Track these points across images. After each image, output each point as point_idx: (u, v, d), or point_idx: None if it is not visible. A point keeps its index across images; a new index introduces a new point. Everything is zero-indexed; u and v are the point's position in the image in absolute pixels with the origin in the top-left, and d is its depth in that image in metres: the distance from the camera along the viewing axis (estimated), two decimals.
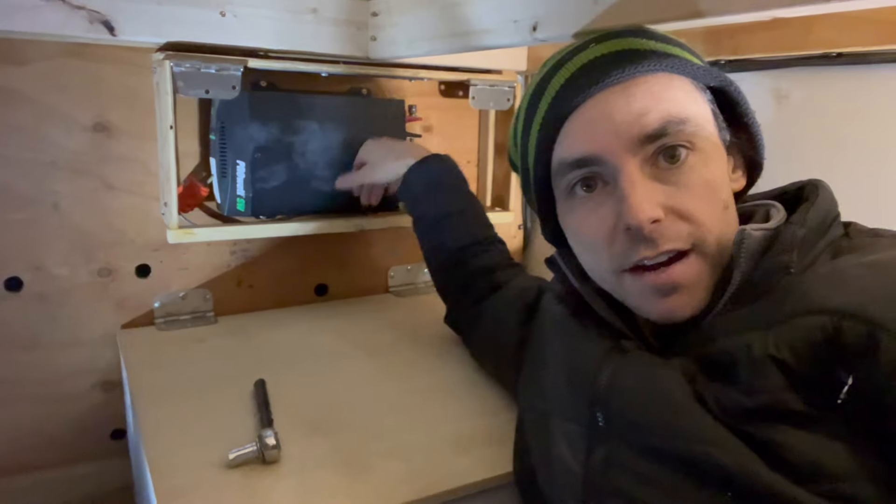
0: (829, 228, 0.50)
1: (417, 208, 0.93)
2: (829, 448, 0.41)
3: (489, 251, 0.89)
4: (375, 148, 0.98)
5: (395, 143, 0.99)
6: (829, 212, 0.51)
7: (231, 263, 1.06)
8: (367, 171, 0.98)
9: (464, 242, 0.89)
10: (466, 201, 0.93)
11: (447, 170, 0.94)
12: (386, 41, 0.94)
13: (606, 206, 0.52)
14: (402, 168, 0.93)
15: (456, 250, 0.89)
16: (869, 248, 0.48)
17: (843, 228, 0.52)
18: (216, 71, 0.88)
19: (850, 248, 0.49)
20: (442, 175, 0.93)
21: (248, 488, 0.62)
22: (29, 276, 0.92)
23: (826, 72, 0.80)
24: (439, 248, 0.91)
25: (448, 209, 0.91)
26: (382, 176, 0.96)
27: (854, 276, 0.44)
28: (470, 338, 0.91)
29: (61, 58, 0.88)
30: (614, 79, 0.50)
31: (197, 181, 0.99)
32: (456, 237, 0.90)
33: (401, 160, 0.94)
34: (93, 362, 0.98)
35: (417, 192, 0.92)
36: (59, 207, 0.92)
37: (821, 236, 0.49)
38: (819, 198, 0.51)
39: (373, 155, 0.97)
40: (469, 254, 0.88)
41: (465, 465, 0.67)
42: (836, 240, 0.50)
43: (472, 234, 0.90)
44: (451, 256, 0.89)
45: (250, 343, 0.95)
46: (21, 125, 0.88)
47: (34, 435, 0.96)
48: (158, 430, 0.71)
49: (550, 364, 0.62)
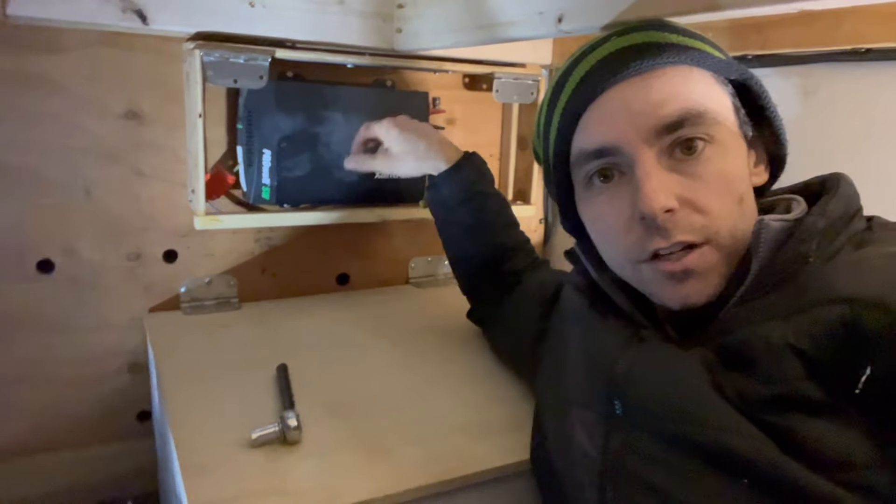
0: (850, 221, 0.50)
1: (449, 216, 0.90)
2: (846, 437, 0.41)
3: (518, 254, 0.89)
4: (399, 135, 0.90)
5: (419, 133, 0.91)
6: (851, 204, 0.51)
7: (255, 251, 1.08)
8: (385, 162, 0.92)
9: (497, 251, 0.88)
10: (499, 207, 0.91)
11: (481, 175, 0.90)
12: (411, 33, 0.95)
13: (623, 196, 0.52)
14: (430, 170, 0.90)
15: (489, 259, 0.88)
16: (892, 240, 0.47)
17: (865, 222, 0.51)
18: (244, 61, 0.90)
19: (872, 240, 0.48)
20: (476, 182, 0.89)
21: (270, 467, 0.63)
22: (60, 259, 0.94)
23: (854, 67, 0.79)
24: (471, 258, 0.90)
25: (483, 218, 0.88)
26: (404, 172, 0.92)
27: (875, 267, 0.44)
28: (490, 330, 0.92)
29: (95, 46, 0.91)
30: (633, 70, 0.51)
31: (224, 169, 1.01)
32: (489, 246, 0.88)
33: (428, 160, 0.89)
34: (121, 345, 1.00)
35: (451, 201, 0.89)
36: (91, 193, 0.94)
37: (842, 228, 0.49)
38: (840, 190, 0.51)
39: (396, 144, 0.90)
40: (500, 261, 0.88)
41: (483, 452, 0.67)
42: (858, 232, 0.50)
43: (503, 242, 0.89)
44: (484, 265, 0.89)
45: (273, 329, 0.97)
46: (55, 112, 0.90)
47: (63, 415, 0.99)
48: (184, 410, 0.73)
49: (570, 354, 0.63)
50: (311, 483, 0.61)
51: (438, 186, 0.89)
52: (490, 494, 0.66)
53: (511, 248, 0.89)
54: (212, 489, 0.59)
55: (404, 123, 0.92)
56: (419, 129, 0.92)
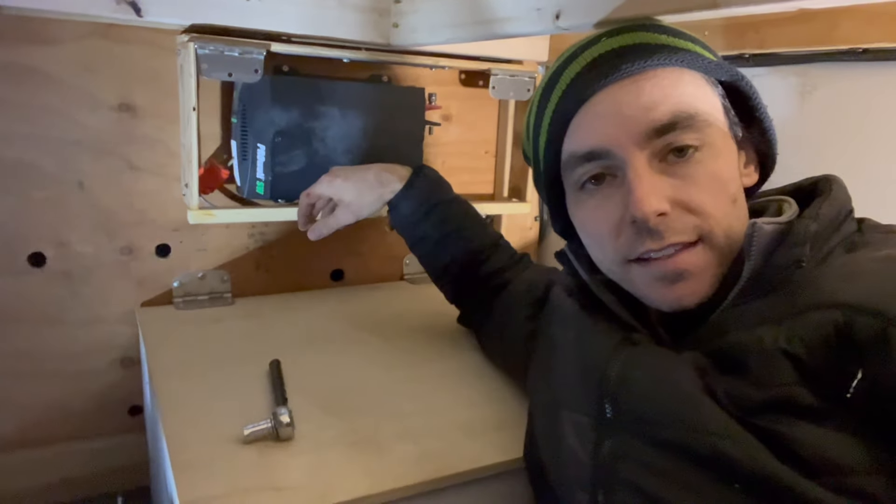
0: (842, 223, 0.50)
1: (415, 233, 0.89)
2: (838, 441, 0.41)
3: (495, 252, 0.88)
4: (343, 182, 0.89)
5: (361, 172, 0.90)
6: (843, 207, 0.51)
7: (249, 246, 1.08)
8: (346, 211, 0.89)
9: (471, 255, 0.87)
10: (463, 211, 0.90)
11: (437, 185, 0.90)
12: (408, 28, 0.95)
13: (614, 199, 0.52)
14: (388, 196, 0.88)
15: (466, 264, 0.88)
16: (882, 243, 0.48)
17: (856, 224, 0.51)
18: (239, 54, 0.89)
19: (863, 243, 0.48)
20: (433, 193, 0.88)
21: (262, 463, 0.63)
22: (52, 252, 0.94)
23: (851, 67, 0.79)
24: (448, 268, 0.89)
25: (449, 227, 0.87)
26: (368, 210, 0.89)
27: (867, 271, 0.44)
28: (481, 335, 0.92)
29: (88, 38, 0.90)
30: (624, 72, 0.50)
31: (218, 164, 1.00)
32: (462, 252, 0.87)
33: (383, 187, 0.88)
34: (113, 339, 1.00)
35: (413, 217, 0.88)
36: (84, 186, 0.94)
37: (834, 231, 0.49)
38: (832, 193, 0.51)
39: (345, 191, 0.89)
40: (477, 262, 0.87)
41: (477, 449, 0.67)
42: (849, 235, 0.50)
43: (476, 244, 0.88)
44: (462, 272, 0.88)
45: (266, 325, 0.97)
46: (48, 104, 0.90)
47: (55, 408, 0.98)
48: (175, 405, 0.72)
49: (560, 357, 0.62)
50: (304, 479, 0.61)
51: (397, 207, 0.88)
52: (483, 492, 0.66)
53: (485, 248, 0.88)
54: (203, 485, 0.59)
55: (341, 171, 0.91)
56: (358, 168, 0.91)
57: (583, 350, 0.59)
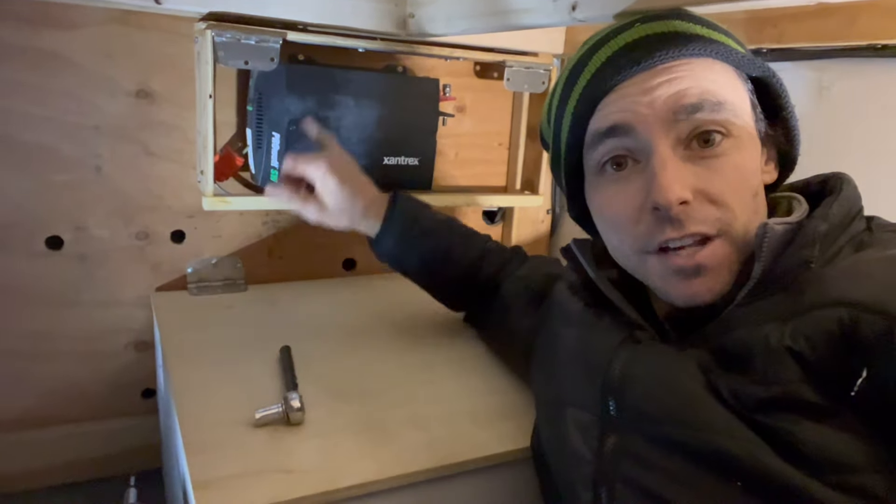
0: (851, 223, 0.49)
1: (404, 262, 0.87)
2: (841, 440, 0.41)
3: (487, 258, 0.88)
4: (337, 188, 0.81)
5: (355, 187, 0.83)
6: (853, 206, 0.50)
7: (262, 233, 1.09)
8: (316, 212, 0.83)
9: (466, 270, 0.87)
10: (447, 229, 0.87)
11: (416, 213, 0.85)
12: (424, 18, 0.95)
13: (635, 184, 0.51)
14: (365, 230, 0.85)
15: (461, 278, 0.87)
16: (890, 242, 0.47)
17: (865, 223, 0.51)
18: (256, 42, 0.90)
19: (871, 242, 0.48)
20: (415, 223, 0.84)
21: (273, 446, 0.64)
22: (70, 235, 0.95)
23: (870, 64, 0.78)
24: (445, 286, 0.90)
25: (437, 253, 0.85)
26: (334, 227, 0.84)
27: (874, 270, 0.44)
28: (484, 332, 0.92)
29: (107, 24, 0.91)
30: (657, 60, 0.50)
31: (233, 151, 1.01)
32: (456, 268, 0.87)
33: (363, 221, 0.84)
34: (127, 322, 1.01)
35: (397, 250, 0.85)
36: (102, 171, 0.95)
37: (843, 231, 0.49)
38: (843, 192, 0.50)
39: (332, 199, 0.82)
40: (468, 277, 0.87)
41: (485, 438, 0.68)
42: (858, 234, 0.49)
43: (468, 258, 0.87)
44: (459, 286, 0.89)
45: (278, 312, 0.98)
46: (68, 89, 0.91)
47: (70, 389, 1.00)
48: (188, 388, 0.73)
49: (564, 353, 0.62)
50: (314, 463, 0.62)
51: (380, 243, 0.85)
52: (491, 480, 0.67)
53: (477, 259, 0.87)
54: (214, 467, 0.60)
55: (342, 171, 0.82)
56: (354, 181, 0.84)
57: (587, 347, 0.59)
